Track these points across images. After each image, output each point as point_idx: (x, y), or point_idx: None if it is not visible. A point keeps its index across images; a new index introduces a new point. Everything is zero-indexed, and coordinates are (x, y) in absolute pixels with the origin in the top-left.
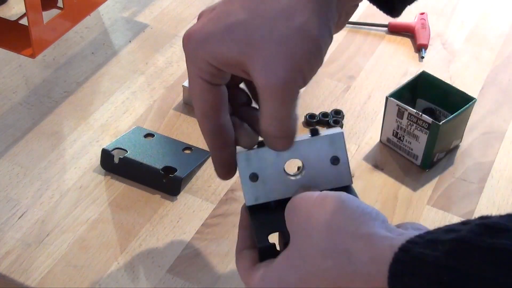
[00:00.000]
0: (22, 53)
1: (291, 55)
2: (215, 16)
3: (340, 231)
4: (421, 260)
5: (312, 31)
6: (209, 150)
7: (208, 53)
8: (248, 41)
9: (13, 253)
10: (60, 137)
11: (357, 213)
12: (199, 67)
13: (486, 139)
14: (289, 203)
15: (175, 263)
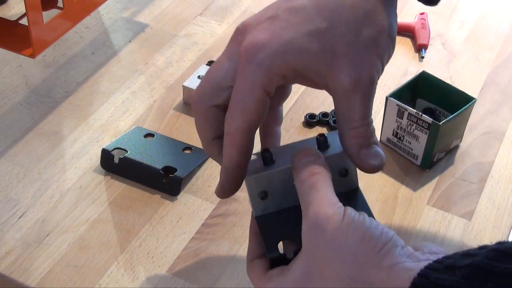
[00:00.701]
0: (22, 53)
1: (378, 55)
2: (287, 23)
3: (364, 262)
4: (439, 285)
5: (391, 30)
6: (229, 166)
7: (288, 64)
8: (333, 49)
9: (13, 253)
10: (60, 137)
11: (380, 243)
12: (270, 78)
13: (486, 139)
14: (311, 218)
15: (175, 263)
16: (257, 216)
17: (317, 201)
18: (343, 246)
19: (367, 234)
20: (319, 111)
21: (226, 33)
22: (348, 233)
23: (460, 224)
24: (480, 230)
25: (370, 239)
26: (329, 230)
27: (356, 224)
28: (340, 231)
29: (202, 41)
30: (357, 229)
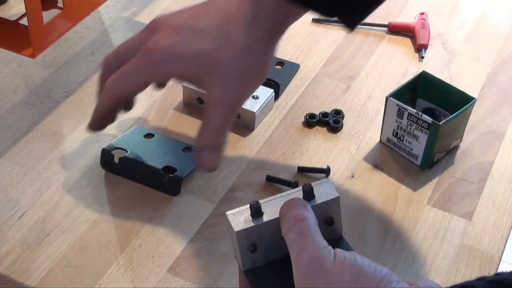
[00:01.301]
0: (22, 53)
1: (247, 82)
2: (186, 38)
3: None
4: None
5: (265, 67)
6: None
7: (175, 70)
8: (215, 66)
9: (13, 253)
10: (60, 137)
11: (376, 280)
12: (153, 74)
13: (486, 139)
14: (303, 264)
15: (175, 263)
16: (246, 270)
17: (307, 247)
18: (338, 286)
19: (361, 272)
20: (319, 111)
21: None
22: (342, 273)
23: (460, 224)
24: (480, 230)
25: (365, 277)
26: (323, 273)
27: (349, 263)
28: (334, 272)
29: None
30: (350, 269)
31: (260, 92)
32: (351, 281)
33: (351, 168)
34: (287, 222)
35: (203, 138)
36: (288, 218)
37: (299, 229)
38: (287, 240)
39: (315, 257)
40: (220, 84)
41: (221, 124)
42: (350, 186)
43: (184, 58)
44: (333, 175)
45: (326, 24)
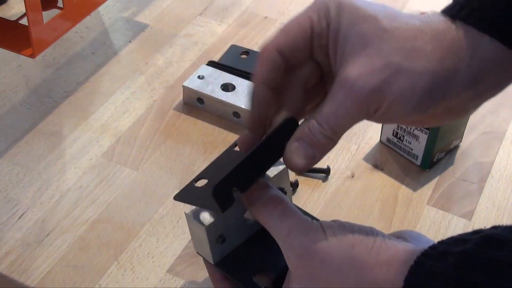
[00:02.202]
0: (22, 53)
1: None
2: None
3: (363, 266)
4: (432, 272)
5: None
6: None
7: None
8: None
9: (13, 253)
10: (60, 137)
11: (370, 241)
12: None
13: (486, 139)
14: (296, 246)
15: (175, 263)
16: (217, 262)
17: (295, 227)
18: (338, 259)
19: (355, 239)
20: None
21: (226, 33)
22: (338, 245)
23: (460, 224)
24: None
25: (359, 243)
26: (319, 251)
27: (340, 233)
28: (329, 247)
29: (202, 41)
30: (344, 239)
31: None
32: (347, 251)
33: (351, 168)
34: (265, 208)
35: (309, 124)
36: (264, 204)
37: (281, 212)
38: (268, 226)
39: (307, 235)
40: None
41: (338, 116)
42: (350, 186)
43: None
44: (333, 175)
45: None
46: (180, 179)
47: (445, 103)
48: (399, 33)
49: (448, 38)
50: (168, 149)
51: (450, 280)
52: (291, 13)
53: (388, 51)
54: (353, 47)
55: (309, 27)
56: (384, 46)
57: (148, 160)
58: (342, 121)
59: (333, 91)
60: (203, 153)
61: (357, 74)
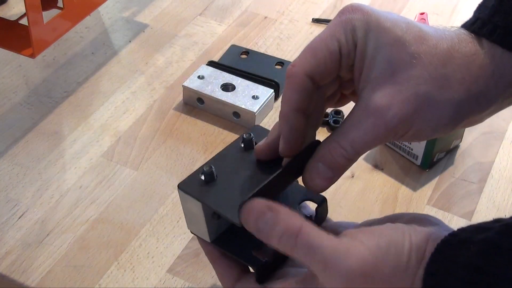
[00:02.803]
0: (22, 53)
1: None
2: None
3: (408, 270)
4: (453, 261)
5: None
6: (286, 111)
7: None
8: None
9: (13, 253)
10: (60, 137)
11: (407, 245)
12: (346, 34)
13: (486, 139)
14: (344, 274)
15: (175, 263)
16: (214, 240)
17: (332, 258)
18: (387, 273)
19: (396, 244)
20: None
21: (226, 33)
22: (384, 258)
23: (460, 224)
24: None
25: (401, 247)
26: (369, 273)
27: (381, 243)
28: (377, 264)
29: (202, 41)
30: (387, 248)
31: (260, 92)
32: (393, 260)
33: (351, 168)
34: (285, 244)
35: (331, 147)
36: (280, 238)
37: (306, 244)
38: (298, 257)
39: (351, 261)
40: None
41: (366, 142)
42: (350, 186)
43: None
44: None
45: (326, 24)
46: (180, 179)
47: (468, 123)
48: (428, 59)
49: (476, 64)
50: (168, 149)
51: (472, 270)
52: (291, 13)
53: (417, 79)
54: (381, 73)
55: (337, 49)
56: (413, 73)
57: (148, 160)
58: (368, 146)
59: (359, 117)
60: (203, 153)
61: (386, 103)
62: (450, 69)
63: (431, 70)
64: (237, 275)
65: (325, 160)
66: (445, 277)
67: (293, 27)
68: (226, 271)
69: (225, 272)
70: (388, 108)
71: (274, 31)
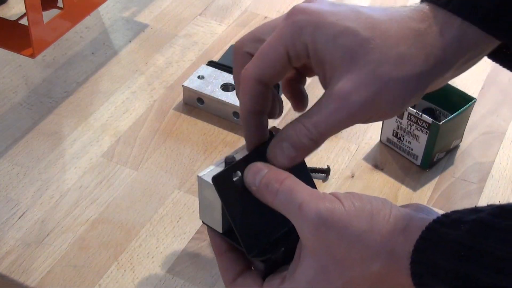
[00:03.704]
0: (22, 53)
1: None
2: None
3: (383, 234)
4: (444, 238)
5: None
6: (243, 114)
7: (316, 37)
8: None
9: (13, 253)
10: (60, 137)
11: (386, 210)
12: (293, 40)
13: (486, 139)
14: (311, 217)
15: (175, 263)
16: (225, 231)
17: (306, 200)
18: (357, 228)
19: (373, 207)
20: None
21: (226, 33)
22: (356, 214)
23: None
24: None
25: (378, 211)
26: (336, 220)
27: (358, 202)
28: (348, 216)
29: (202, 41)
30: (362, 209)
31: None
32: (366, 220)
33: (351, 168)
34: (269, 189)
35: (296, 128)
36: (267, 185)
37: (287, 188)
38: (278, 206)
39: (321, 207)
40: (360, 82)
41: (328, 124)
42: (350, 186)
43: (331, 29)
44: (333, 175)
45: None
46: (180, 179)
47: (431, 88)
48: (381, 42)
49: (432, 37)
50: (168, 149)
51: (462, 247)
52: None
53: (374, 63)
54: (339, 62)
55: (285, 53)
56: (369, 58)
57: (148, 160)
58: (331, 128)
59: (324, 102)
60: (203, 153)
61: (348, 89)
62: (404, 47)
63: (386, 52)
64: (239, 271)
65: (289, 139)
66: (433, 253)
67: None
68: (230, 265)
69: (228, 266)
70: (349, 94)
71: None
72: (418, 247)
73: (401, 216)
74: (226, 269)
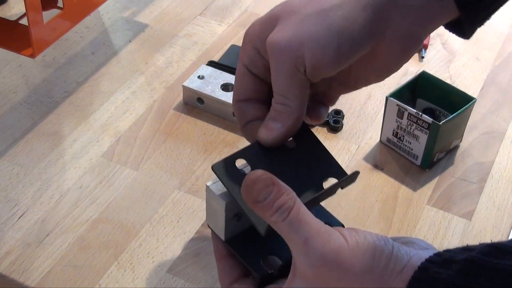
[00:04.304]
0: (22, 53)
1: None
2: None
3: (382, 275)
4: (435, 278)
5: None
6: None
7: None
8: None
9: (13, 253)
10: (60, 137)
11: (389, 251)
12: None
13: (486, 139)
14: (316, 256)
15: (175, 263)
16: (228, 239)
17: (314, 237)
18: (358, 269)
19: (376, 248)
20: None
21: (226, 33)
22: (360, 254)
23: (460, 224)
24: (480, 230)
25: (380, 252)
26: (341, 263)
27: (362, 242)
28: (351, 256)
29: (202, 41)
30: (365, 248)
31: None
32: (368, 262)
33: (351, 168)
34: (277, 215)
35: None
36: (271, 207)
37: (295, 218)
38: (281, 232)
39: (327, 248)
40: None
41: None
42: (350, 186)
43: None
44: None
45: None
46: (180, 179)
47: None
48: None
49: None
50: (168, 149)
51: (453, 287)
52: None
53: (298, 17)
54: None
55: (252, 74)
56: (293, 16)
57: (148, 160)
58: (282, 83)
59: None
60: (203, 153)
61: (272, 36)
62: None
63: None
64: (236, 276)
65: (271, 115)
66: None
67: None
68: (228, 270)
69: (226, 270)
70: (274, 38)
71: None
72: (411, 287)
73: (401, 257)
74: (224, 273)
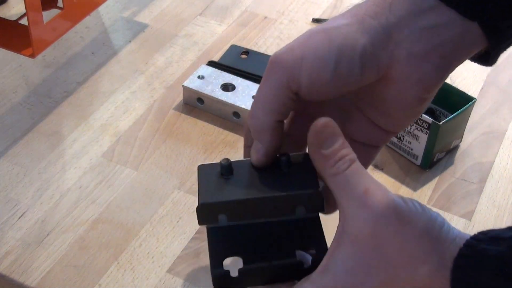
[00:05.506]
0: (22, 53)
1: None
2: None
3: (436, 239)
4: (484, 254)
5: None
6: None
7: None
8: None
9: (13, 253)
10: (60, 137)
11: (440, 219)
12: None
13: (486, 139)
14: (373, 205)
15: (175, 263)
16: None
17: (374, 187)
18: (417, 229)
19: (431, 213)
20: None
21: (226, 33)
22: (419, 216)
23: (460, 224)
24: (480, 230)
25: (435, 217)
26: (401, 217)
27: (417, 205)
28: (412, 215)
29: (202, 41)
30: (422, 210)
31: None
32: (427, 222)
33: None
34: (339, 163)
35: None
36: (334, 155)
37: (355, 169)
38: (336, 184)
39: (390, 197)
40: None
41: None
42: None
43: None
44: None
45: None
46: (180, 179)
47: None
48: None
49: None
50: (168, 149)
51: (504, 262)
52: (291, 13)
53: (307, 34)
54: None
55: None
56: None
57: (148, 160)
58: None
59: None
60: (203, 153)
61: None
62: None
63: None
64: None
65: (254, 135)
66: (474, 269)
67: (293, 27)
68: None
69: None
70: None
71: (274, 31)
72: (458, 264)
73: (452, 229)
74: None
